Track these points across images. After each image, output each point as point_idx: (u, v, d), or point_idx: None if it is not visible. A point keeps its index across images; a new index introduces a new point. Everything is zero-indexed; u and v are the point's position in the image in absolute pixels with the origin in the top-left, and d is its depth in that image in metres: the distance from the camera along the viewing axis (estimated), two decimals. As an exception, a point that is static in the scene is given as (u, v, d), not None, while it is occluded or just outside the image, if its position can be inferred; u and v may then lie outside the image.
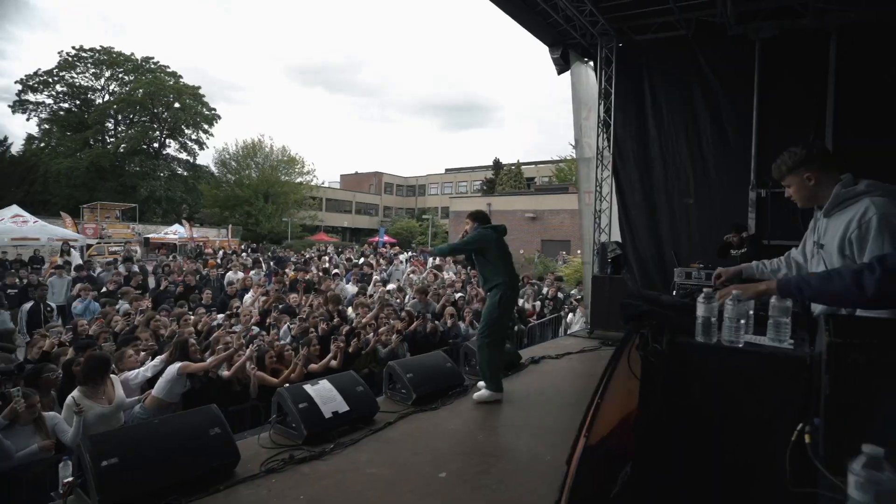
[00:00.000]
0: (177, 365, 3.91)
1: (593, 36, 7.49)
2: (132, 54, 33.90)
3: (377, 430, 3.34)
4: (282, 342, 5.68)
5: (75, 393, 3.66)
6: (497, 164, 44.44)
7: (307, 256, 18.78)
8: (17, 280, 9.72)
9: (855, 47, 6.01)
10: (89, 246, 18.83)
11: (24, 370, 3.94)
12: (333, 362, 5.00)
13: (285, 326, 6.25)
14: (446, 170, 57.33)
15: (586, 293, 7.60)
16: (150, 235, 23.14)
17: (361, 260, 17.06)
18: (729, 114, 6.68)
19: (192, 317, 6.42)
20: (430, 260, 19.63)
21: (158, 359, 4.23)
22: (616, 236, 7.47)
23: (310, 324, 6.22)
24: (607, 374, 1.68)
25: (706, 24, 6.79)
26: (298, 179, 35.34)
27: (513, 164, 43.53)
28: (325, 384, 3.46)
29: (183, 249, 21.72)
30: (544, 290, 10.59)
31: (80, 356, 4.45)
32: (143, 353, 4.82)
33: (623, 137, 7.45)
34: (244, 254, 18.69)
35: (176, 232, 23.18)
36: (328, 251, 22.55)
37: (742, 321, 1.65)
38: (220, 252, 19.94)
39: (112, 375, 4.04)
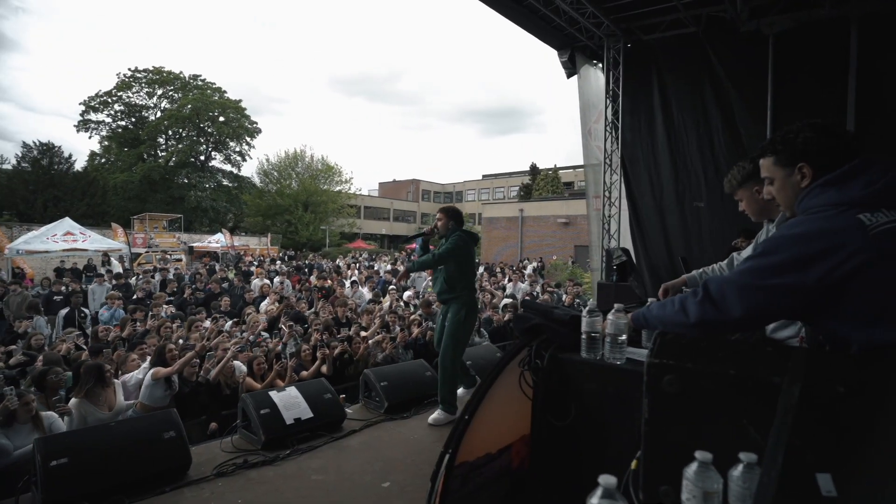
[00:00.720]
0: (150, 371, 4.11)
1: (600, 38, 7.34)
2: (181, 72, 36.01)
3: (339, 438, 3.38)
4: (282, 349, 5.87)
5: (74, 399, 3.91)
6: (534, 169, 44.00)
7: (338, 264, 19.22)
8: (64, 287, 10.49)
9: (879, 35, 5.59)
10: (138, 255, 20.04)
11: (25, 373, 4.21)
12: (324, 368, 5.10)
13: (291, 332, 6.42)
14: (483, 176, 57.31)
15: (594, 301, 7.40)
16: (194, 244, 24.33)
17: (389, 267, 17.28)
18: (742, 113, 6.36)
19: (206, 323, 6.70)
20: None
21: (149, 361, 4.45)
22: (625, 242, 7.25)
23: (312, 330, 6.40)
24: (482, 388, 1.64)
25: (717, 20, 6.52)
26: (337, 188, 36.26)
27: (550, 169, 42.97)
28: (291, 391, 3.53)
29: (224, 257, 22.72)
30: (563, 298, 10.39)
31: (88, 360, 4.77)
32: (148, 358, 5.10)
33: (632, 140, 7.24)
34: (278, 262, 19.31)
35: (218, 241, 24.26)
36: (361, 258, 23.00)
37: (622, 337, 1.58)
38: (259, 259, 20.74)
39: (115, 380, 4.30)
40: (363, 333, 6.37)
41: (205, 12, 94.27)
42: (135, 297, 9.34)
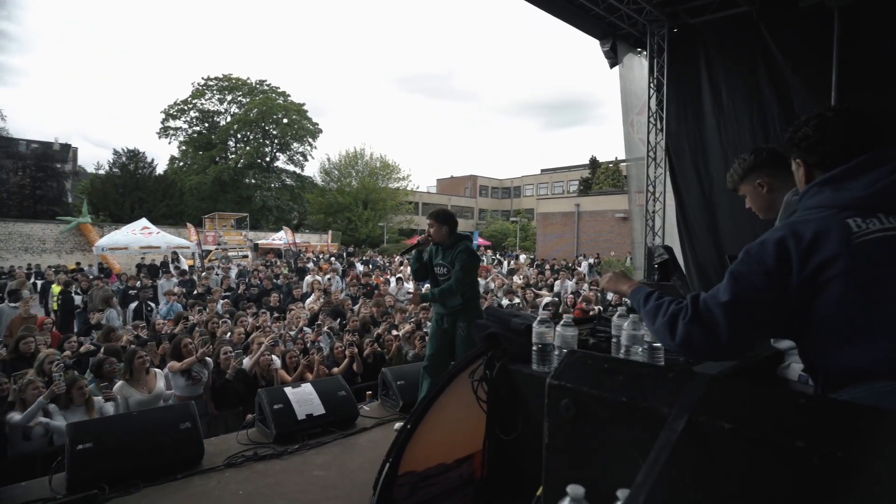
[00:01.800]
0: (169, 364, 4.43)
1: (643, 24, 6.96)
2: (248, 78, 38.16)
3: (349, 435, 3.46)
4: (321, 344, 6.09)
5: (118, 382, 4.31)
6: (594, 163, 42.63)
7: (395, 258, 19.70)
8: (138, 283, 11.49)
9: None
10: (208, 252, 21.53)
11: (81, 362, 4.66)
12: (354, 366, 5.23)
13: (326, 328, 6.65)
14: (542, 170, 56.28)
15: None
16: (259, 242, 25.78)
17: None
18: (801, 97, 5.79)
19: (250, 319, 7.08)
20: (505, 263, 19.42)
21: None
22: (671, 239, 6.85)
23: (350, 326, 6.61)
24: (428, 398, 1.62)
25: (773, -5, 5.97)
26: (395, 185, 37.12)
27: (610, 162, 41.44)
28: (306, 387, 3.66)
29: (286, 254, 23.91)
30: (609, 296, 10.00)
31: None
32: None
33: (677, 131, 6.81)
34: (332, 258, 20.02)
35: (281, 238, 25.57)
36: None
37: (564, 350, 1.50)
38: (317, 256, 21.64)
39: (156, 369, 4.68)
40: (395, 332, 6.47)
41: (275, 19, 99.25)
42: (195, 292, 10.03)
